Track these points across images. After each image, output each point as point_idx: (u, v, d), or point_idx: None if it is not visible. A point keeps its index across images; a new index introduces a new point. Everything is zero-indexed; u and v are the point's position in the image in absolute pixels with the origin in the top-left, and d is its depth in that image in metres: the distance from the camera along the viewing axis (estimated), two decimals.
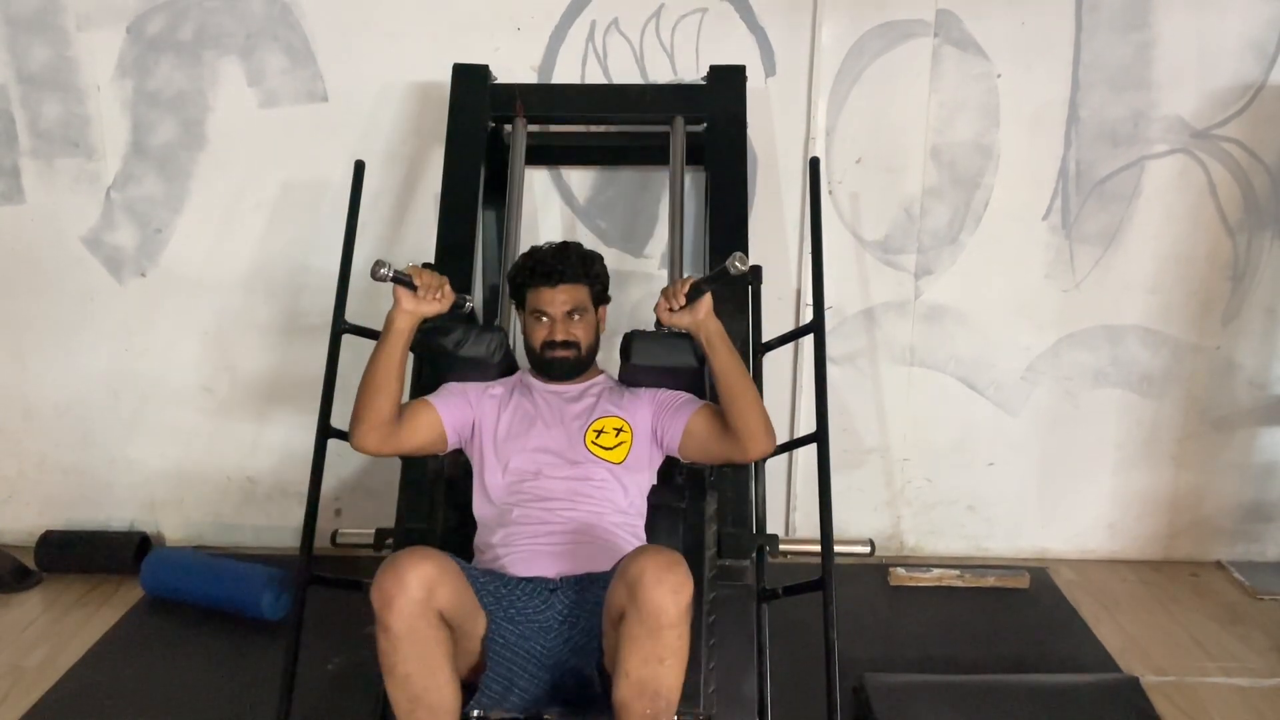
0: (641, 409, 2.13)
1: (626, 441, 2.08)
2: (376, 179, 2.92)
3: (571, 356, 2.13)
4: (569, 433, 2.09)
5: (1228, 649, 2.73)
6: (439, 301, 1.98)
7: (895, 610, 2.94)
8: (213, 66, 2.94)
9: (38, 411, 3.22)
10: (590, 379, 2.21)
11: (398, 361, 1.97)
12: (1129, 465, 3.17)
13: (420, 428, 2.06)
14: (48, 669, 2.62)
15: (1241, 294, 3.03)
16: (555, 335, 2.12)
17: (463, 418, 2.11)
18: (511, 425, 2.11)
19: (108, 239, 3.07)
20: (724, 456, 2.05)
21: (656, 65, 2.90)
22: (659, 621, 1.63)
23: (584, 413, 2.13)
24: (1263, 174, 2.94)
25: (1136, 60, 2.87)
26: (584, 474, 2.05)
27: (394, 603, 1.65)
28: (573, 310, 2.13)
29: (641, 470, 2.10)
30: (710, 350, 2.00)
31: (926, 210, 3.00)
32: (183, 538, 3.30)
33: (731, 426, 1.99)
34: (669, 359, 2.14)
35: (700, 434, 2.05)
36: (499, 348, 2.20)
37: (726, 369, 1.98)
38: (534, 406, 2.13)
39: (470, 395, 2.14)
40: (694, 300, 1.96)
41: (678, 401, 2.12)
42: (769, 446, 1.99)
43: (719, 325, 2.00)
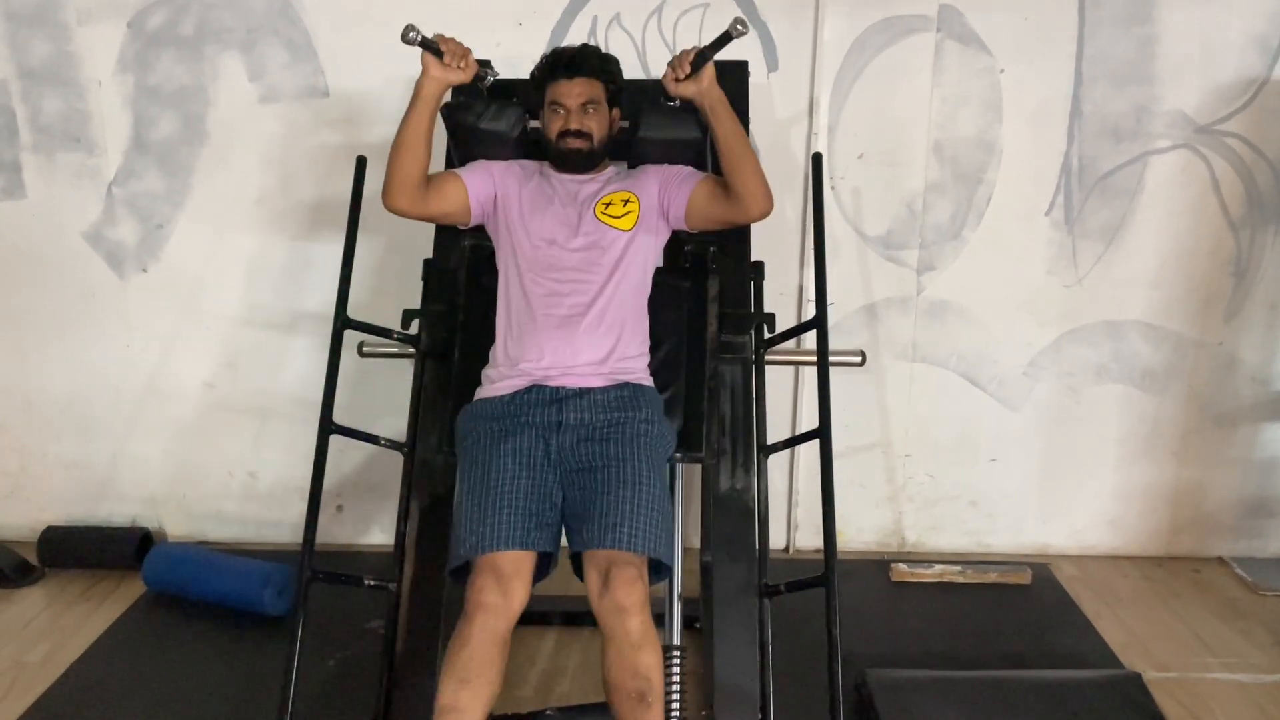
0: (648, 183, 2.26)
1: (634, 211, 2.22)
2: (378, 174, 2.90)
3: (585, 147, 2.24)
4: (580, 210, 2.22)
5: (1230, 645, 2.73)
6: (463, 71, 2.12)
7: (897, 606, 2.94)
8: (214, 61, 2.94)
9: (39, 407, 3.22)
10: (601, 171, 2.33)
11: (426, 126, 2.12)
12: (1131, 461, 3.17)
13: (447, 194, 2.22)
14: (50, 664, 2.62)
15: (1244, 289, 3.02)
16: (570, 124, 2.23)
17: (486, 190, 2.26)
18: (531, 198, 2.24)
19: (109, 234, 3.07)
20: (727, 219, 2.21)
21: (658, 60, 2.89)
22: (620, 617, 1.84)
23: (595, 193, 2.26)
24: (1266, 169, 2.93)
25: (1139, 55, 2.86)
26: (594, 242, 2.18)
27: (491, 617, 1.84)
28: (587, 102, 2.23)
29: (649, 236, 2.23)
30: (713, 117, 2.12)
31: (929, 206, 2.99)
32: (184, 533, 3.30)
33: (733, 189, 2.13)
34: (675, 131, 2.29)
35: (703, 200, 2.20)
36: (518, 122, 2.34)
37: (728, 135, 2.11)
38: (551, 188, 2.26)
39: (494, 170, 2.29)
40: (698, 69, 2.07)
41: (682, 174, 2.26)
42: (768, 206, 2.14)
43: (721, 93, 2.11)
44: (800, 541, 3.26)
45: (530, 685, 2.51)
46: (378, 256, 3.00)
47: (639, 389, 2.12)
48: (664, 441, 2.12)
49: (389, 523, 3.16)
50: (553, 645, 2.69)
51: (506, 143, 2.34)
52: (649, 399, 2.13)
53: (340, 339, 2.26)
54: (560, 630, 2.73)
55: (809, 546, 3.25)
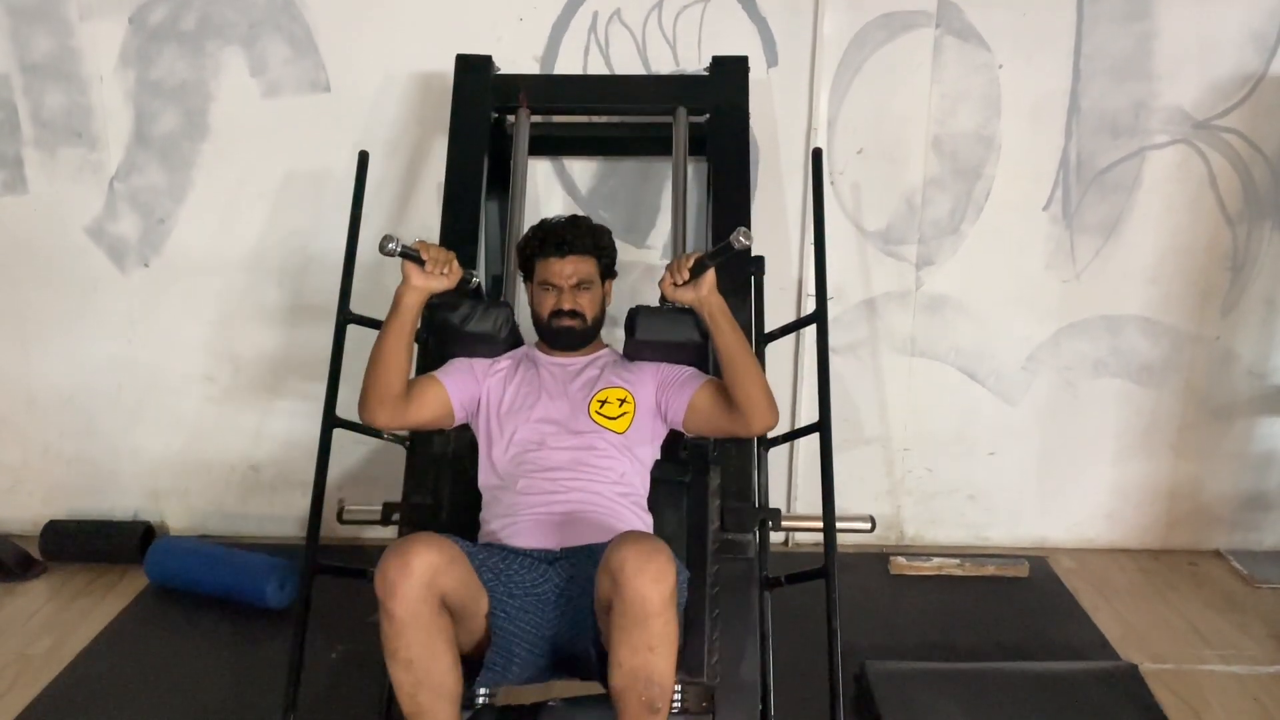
0: (645, 382, 2.16)
1: (630, 412, 2.11)
2: (379, 169, 2.93)
3: (578, 326, 2.17)
4: (573, 403, 2.12)
5: (1226, 637, 2.75)
6: (446, 277, 2.00)
7: (896, 598, 2.96)
8: (215, 56, 2.94)
9: (42, 401, 3.23)
10: (595, 352, 2.24)
11: (406, 337, 2.00)
12: (1128, 455, 3.19)
13: (428, 403, 2.09)
14: (53, 657, 2.64)
15: (1241, 284, 3.04)
16: (563, 305, 2.15)
17: (469, 393, 2.15)
18: (516, 397, 2.14)
19: (111, 229, 3.07)
20: (728, 430, 2.09)
21: (659, 56, 2.90)
22: (644, 611, 1.66)
23: (588, 384, 2.16)
24: (1263, 165, 2.95)
25: (1137, 51, 2.87)
26: (587, 444, 2.07)
27: (397, 589, 1.68)
28: (580, 282, 2.16)
29: (644, 442, 2.13)
30: (713, 326, 2.02)
31: (928, 200, 3.00)
32: (186, 527, 3.31)
33: (735, 401, 2.02)
34: (673, 334, 2.18)
35: (704, 408, 2.08)
36: (505, 323, 2.23)
37: (729, 345, 2.01)
38: (539, 379, 2.17)
39: (476, 370, 2.17)
40: (698, 276, 1.99)
41: (682, 376, 2.15)
42: (772, 420, 2.03)
43: (721, 301, 2.02)
44: (800, 535, 3.27)
45: None
46: None
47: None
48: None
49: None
50: None
51: (494, 343, 2.22)
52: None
53: (343, 333, 2.28)
54: None
55: (808, 540, 3.26)
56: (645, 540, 1.71)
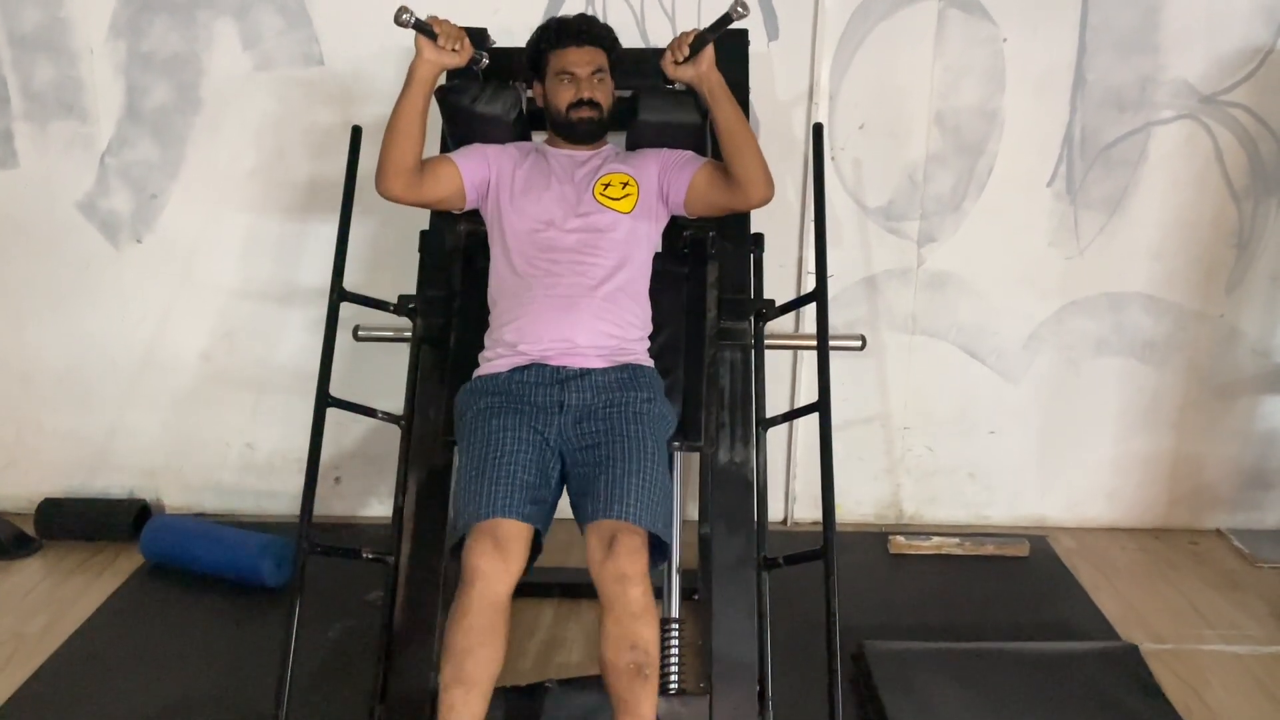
0: (648, 166, 2.23)
1: (633, 193, 2.19)
2: (373, 143, 2.87)
3: (596, 116, 2.22)
4: (578, 188, 2.19)
5: (1227, 617, 2.74)
6: (457, 53, 2.07)
7: (895, 578, 2.95)
8: (207, 28, 2.90)
9: (35, 378, 3.20)
10: (600, 146, 2.31)
11: (420, 109, 2.08)
12: (1130, 433, 3.17)
13: (441, 179, 2.18)
14: (49, 635, 2.62)
15: (1246, 261, 3.01)
16: (583, 94, 2.20)
17: (480, 174, 2.21)
18: (527, 180, 2.21)
19: (103, 204, 3.04)
20: (727, 205, 2.18)
21: (657, 28, 2.86)
22: (622, 585, 1.82)
23: (593, 172, 2.22)
24: (1270, 140, 2.91)
25: (1144, 23, 2.83)
26: (592, 224, 2.15)
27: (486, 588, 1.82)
28: (596, 71, 2.21)
29: (648, 221, 2.21)
30: (713, 101, 2.09)
31: (930, 177, 2.97)
32: (182, 504, 3.29)
33: (733, 175, 2.10)
34: (674, 114, 2.27)
35: (703, 186, 2.17)
36: (514, 105, 2.31)
37: (728, 119, 2.08)
38: (548, 167, 2.23)
39: (489, 153, 2.24)
40: (697, 52, 2.04)
41: (682, 159, 2.22)
42: (769, 192, 2.12)
43: (720, 78, 2.08)
44: (798, 514, 3.26)
45: (529, 657, 2.51)
46: (373, 231, 2.97)
47: (639, 369, 2.11)
48: (665, 421, 2.11)
49: (387, 495, 3.16)
50: (552, 617, 2.69)
51: (503, 125, 2.30)
52: (650, 379, 2.11)
53: (337, 311, 2.25)
54: (559, 602, 2.73)
55: (807, 519, 3.25)
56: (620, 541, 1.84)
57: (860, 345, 2.50)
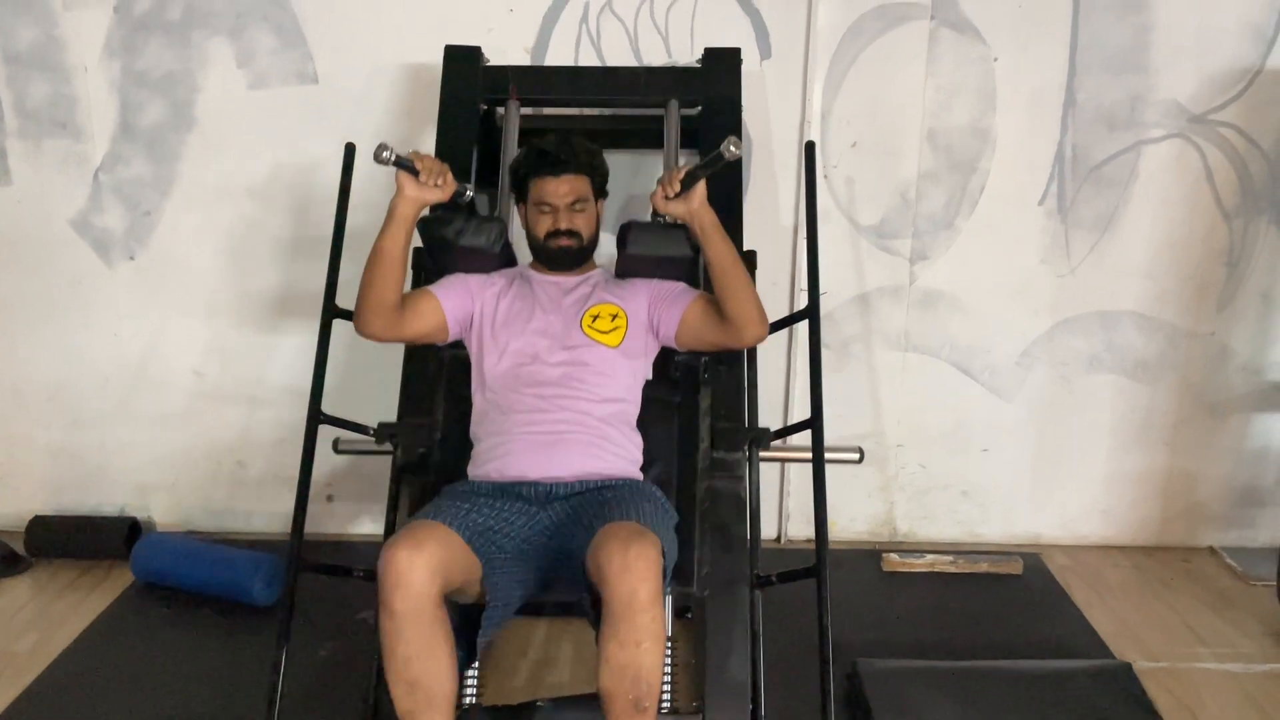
0: (638, 297, 2.17)
1: (622, 326, 2.13)
2: (367, 161, 2.88)
3: (574, 246, 2.18)
4: (565, 319, 2.13)
5: (1220, 634, 2.74)
6: (440, 188, 2.03)
7: (889, 596, 2.94)
8: (201, 47, 2.90)
9: (27, 395, 3.19)
10: (587, 271, 2.26)
11: (401, 247, 2.02)
12: (1123, 451, 3.17)
13: (423, 314, 2.11)
14: (38, 654, 2.60)
15: (1237, 279, 3.02)
16: (559, 224, 2.15)
17: (463, 306, 2.16)
18: (511, 312, 2.15)
19: (96, 221, 3.04)
20: (719, 344, 2.13)
21: (650, 47, 2.87)
22: (631, 608, 1.66)
23: (581, 300, 2.18)
24: (1259, 159, 2.93)
25: (1134, 43, 2.85)
26: (579, 358, 2.09)
27: (400, 586, 1.67)
28: (576, 201, 2.16)
29: (637, 357, 2.15)
30: (704, 239, 2.05)
31: (922, 194, 2.98)
32: (173, 522, 3.28)
33: (726, 314, 2.05)
34: (664, 248, 2.20)
35: (696, 322, 2.11)
36: (499, 238, 2.24)
37: (720, 257, 2.04)
38: (533, 295, 2.18)
39: (471, 285, 2.19)
40: (688, 188, 2.01)
41: (674, 291, 2.17)
42: (762, 332, 2.07)
43: (713, 214, 2.05)
44: (792, 531, 3.26)
45: (521, 676, 2.49)
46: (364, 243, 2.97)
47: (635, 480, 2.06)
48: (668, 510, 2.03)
49: (380, 512, 3.12)
50: (544, 635, 2.67)
51: (487, 257, 2.24)
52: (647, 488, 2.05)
53: (329, 329, 2.25)
54: (551, 621, 2.72)
55: (800, 536, 3.25)
56: (632, 538, 1.70)
57: (858, 458, 2.45)
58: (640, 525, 1.76)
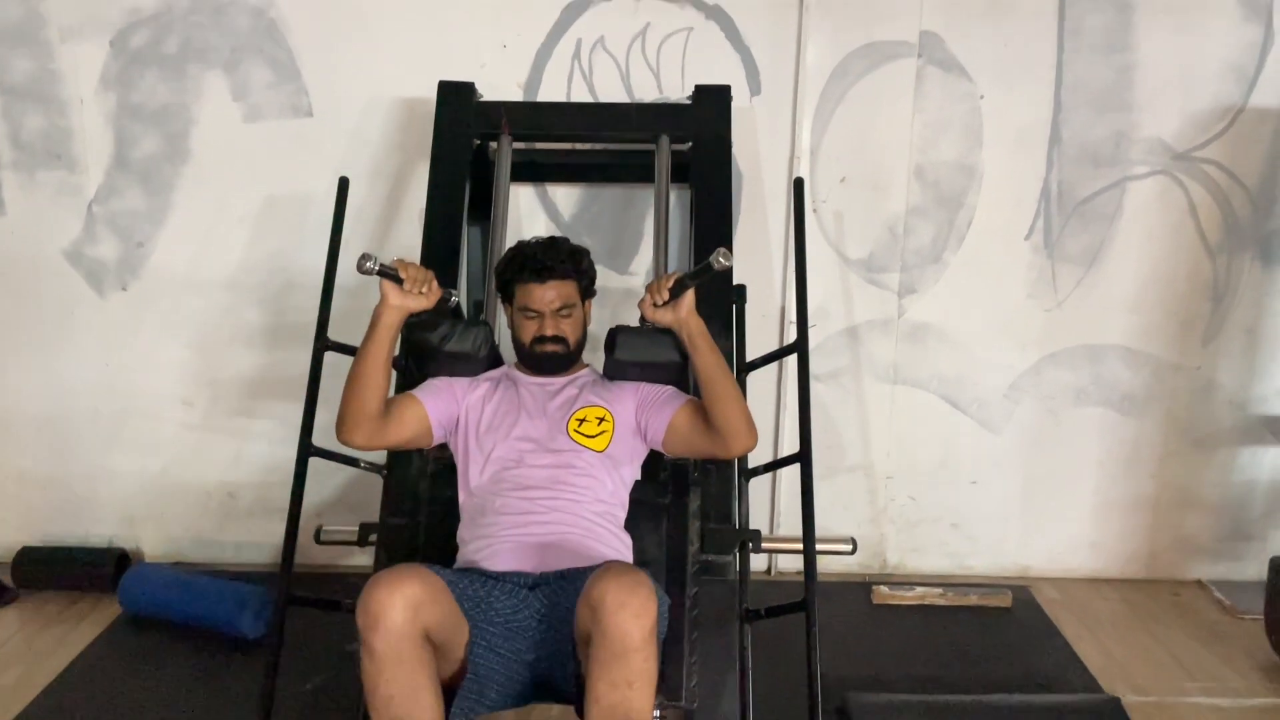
0: (625, 401, 2.14)
1: (608, 430, 2.10)
2: (361, 194, 2.91)
3: (561, 351, 2.15)
4: (551, 422, 2.10)
5: (1208, 669, 2.74)
6: (425, 296, 1.99)
7: (879, 628, 2.94)
8: (197, 80, 2.93)
9: (16, 425, 3.19)
10: (575, 373, 2.23)
11: (384, 357, 1.99)
12: (1110, 483, 3.19)
13: (407, 422, 2.07)
14: (23, 687, 2.59)
15: (1221, 314, 3.05)
16: (545, 331, 2.13)
17: (448, 412, 2.13)
18: (495, 416, 2.12)
19: (89, 252, 3.05)
20: (707, 452, 2.08)
21: (642, 83, 2.90)
22: (624, 646, 1.63)
23: (567, 403, 2.14)
24: (1242, 195, 2.97)
25: (1118, 82, 2.89)
26: (565, 461, 2.05)
27: (379, 624, 1.64)
28: (562, 307, 2.14)
29: (623, 461, 2.11)
30: (692, 348, 2.03)
31: (910, 229, 3.01)
32: (162, 553, 3.27)
33: (714, 423, 2.01)
34: (653, 354, 2.16)
35: (684, 429, 2.08)
36: (485, 342, 2.22)
37: (708, 367, 2.01)
38: (518, 398, 2.15)
39: (456, 389, 2.16)
40: (677, 296, 2.00)
41: (662, 396, 2.14)
42: (751, 443, 2.03)
43: (701, 323, 2.03)
44: (782, 563, 3.26)
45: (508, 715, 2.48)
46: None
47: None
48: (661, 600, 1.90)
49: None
50: None
51: (474, 362, 2.21)
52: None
53: (320, 361, 2.25)
54: None
55: (790, 568, 3.25)
56: (627, 573, 1.68)
57: (850, 550, 2.38)
58: (636, 569, 1.72)
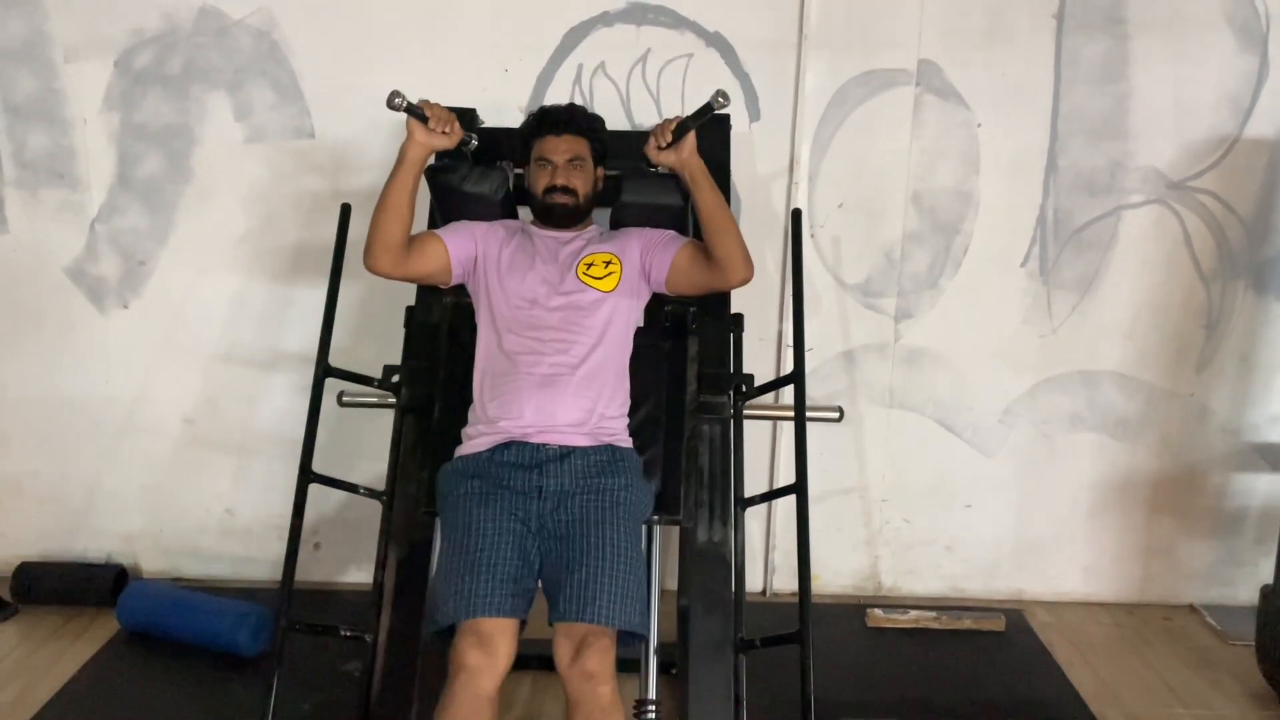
0: (630, 244, 2.29)
1: (616, 272, 2.25)
2: (363, 216, 2.91)
3: (570, 203, 2.29)
4: (562, 268, 2.25)
5: (1199, 695, 2.76)
6: (447, 136, 2.14)
7: (873, 652, 2.96)
8: (200, 101, 2.95)
9: (16, 440, 3.20)
10: (584, 228, 2.37)
11: (409, 189, 2.15)
12: (1104, 508, 3.21)
13: (428, 255, 2.23)
14: (21, 705, 2.60)
15: (1215, 342, 3.07)
16: (556, 180, 2.28)
17: (467, 250, 2.27)
18: (512, 259, 2.26)
19: (91, 270, 3.06)
20: (708, 285, 2.24)
21: (642, 108, 2.93)
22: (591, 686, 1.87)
23: (576, 252, 2.29)
24: (1236, 225, 2.99)
25: (1114, 111, 2.91)
26: (575, 302, 2.20)
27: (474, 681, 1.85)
28: (574, 158, 2.30)
29: (630, 298, 2.26)
30: (694, 186, 2.18)
31: (907, 255, 3.03)
32: (160, 569, 3.28)
33: (714, 256, 2.17)
34: (657, 196, 2.34)
35: (685, 265, 2.24)
36: (501, 185, 2.38)
37: (709, 203, 2.17)
38: (532, 247, 2.29)
39: (475, 231, 2.30)
40: (679, 139, 2.14)
41: (665, 238, 2.29)
42: (748, 273, 2.19)
43: (701, 163, 2.18)
44: (777, 584, 3.27)
45: None
46: (359, 298, 3.01)
47: (618, 451, 2.14)
48: (642, 506, 2.14)
49: (367, 561, 3.12)
50: (529, 689, 2.69)
51: (491, 205, 2.38)
52: (628, 463, 2.14)
53: (321, 387, 2.27)
54: (536, 674, 2.73)
55: (785, 589, 3.26)
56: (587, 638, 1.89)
57: (838, 416, 2.55)
58: (596, 630, 1.90)
